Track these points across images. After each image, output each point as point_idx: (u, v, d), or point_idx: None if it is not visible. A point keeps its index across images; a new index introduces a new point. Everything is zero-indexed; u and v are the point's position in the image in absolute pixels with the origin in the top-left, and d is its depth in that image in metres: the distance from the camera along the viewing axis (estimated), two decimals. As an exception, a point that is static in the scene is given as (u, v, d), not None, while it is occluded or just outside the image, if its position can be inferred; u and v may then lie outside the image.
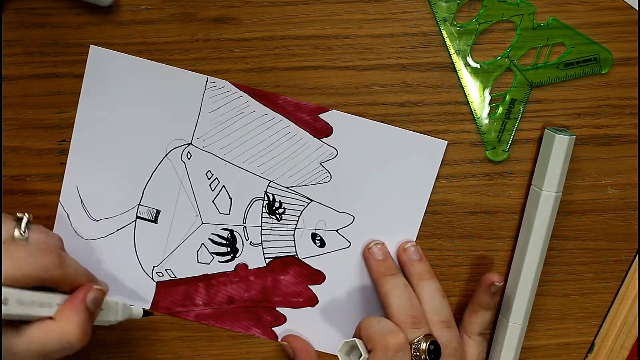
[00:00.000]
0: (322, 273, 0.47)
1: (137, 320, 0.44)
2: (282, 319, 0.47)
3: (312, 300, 0.47)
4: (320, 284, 0.47)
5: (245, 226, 0.46)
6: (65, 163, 0.45)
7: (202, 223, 0.46)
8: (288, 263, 0.47)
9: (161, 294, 0.47)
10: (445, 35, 0.43)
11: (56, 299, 0.37)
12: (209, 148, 0.45)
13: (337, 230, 0.46)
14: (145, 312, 0.44)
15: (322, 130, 0.45)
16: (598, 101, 0.45)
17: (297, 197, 0.46)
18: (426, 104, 0.45)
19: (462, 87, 0.44)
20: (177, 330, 0.48)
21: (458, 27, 0.43)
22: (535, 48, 0.43)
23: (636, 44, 0.44)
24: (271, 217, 0.46)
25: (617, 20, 0.44)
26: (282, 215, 0.46)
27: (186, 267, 0.47)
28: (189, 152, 0.45)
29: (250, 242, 0.46)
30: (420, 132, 0.45)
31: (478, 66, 0.44)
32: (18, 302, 0.35)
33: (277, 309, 0.47)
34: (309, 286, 0.47)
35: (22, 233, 0.38)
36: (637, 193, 0.47)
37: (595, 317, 0.49)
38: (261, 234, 0.46)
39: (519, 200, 0.46)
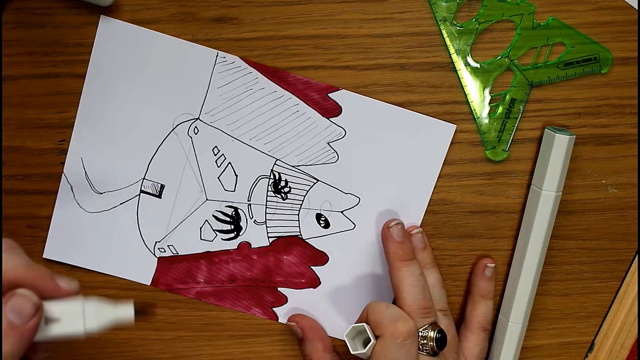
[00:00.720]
0: (326, 254, 0.47)
1: (137, 320, 0.43)
2: (283, 300, 0.47)
3: (315, 282, 0.47)
4: (323, 265, 0.47)
5: (250, 204, 0.46)
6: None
7: (207, 199, 0.46)
8: (291, 243, 0.46)
9: (162, 270, 0.46)
10: (445, 35, 0.43)
11: None
12: (216, 124, 0.44)
13: (342, 212, 0.46)
14: (138, 312, 0.34)
15: (331, 110, 0.44)
16: (598, 101, 0.45)
17: (304, 176, 0.45)
18: (426, 104, 0.45)
19: (462, 87, 0.44)
20: (177, 330, 0.48)
21: (458, 26, 0.43)
22: (535, 47, 0.43)
23: (636, 43, 0.44)
24: (276, 196, 0.46)
25: (617, 19, 0.44)
26: (288, 195, 0.46)
27: (189, 244, 0.46)
28: (196, 127, 0.44)
29: (255, 220, 0.46)
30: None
31: (478, 66, 0.44)
32: None
33: (279, 289, 0.47)
34: (312, 267, 0.47)
35: None
36: (637, 193, 0.47)
37: (595, 317, 0.49)
38: (265, 213, 0.46)
39: (519, 200, 0.46)
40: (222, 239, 0.46)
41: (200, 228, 0.46)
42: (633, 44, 0.44)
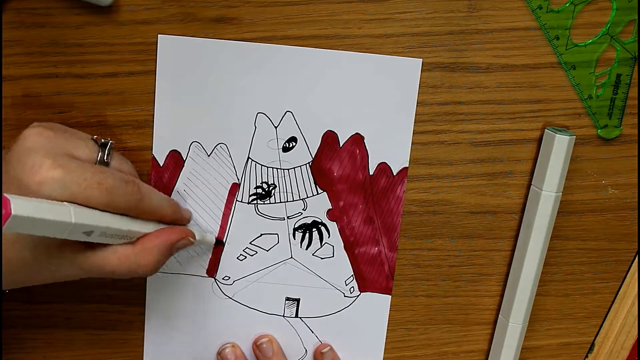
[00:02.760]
0: (325, 132, 0.46)
1: (137, 320, 0.44)
2: (383, 166, 0.46)
3: (358, 139, 0.46)
4: (337, 133, 0.45)
5: (287, 217, 0.46)
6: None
7: (292, 257, 0.47)
8: (319, 170, 0.46)
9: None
10: (542, 22, 0.42)
11: (137, 228, 0.38)
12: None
13: (275, 126, 0.45)
14: (218, 241, 0.46)
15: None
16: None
17: (247, 172, 0.46)
18: (427, 104, 0.45)
19: (567, 72, 0.44)
20: (177, 330, 0.48)
21: (555, 12, 0.43)
22: (634, 20, 0.43)
23: None
24: (274, 194, 0.46)
25: None
26: (269, 183, 0.46)
27: (341, 266, 0.48)
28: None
29: (302, 210, 0.46)
30: (420, 132, 0.45)
31: (579, 47, 0.43)
32: (102, 235, 0.35)
33: (371, 173, 0.46)
34: (341, 145, 0.46)
35: (105, 159, 0.38)
36: (637, 193, 0.47)
37: (595, 317, 0.49)
38: (293, 200, 0.46)
39: (519, 200, 0.46)
40: (329, 237, 0.47)
41: (323, 258, 0.47)
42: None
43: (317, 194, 0.46)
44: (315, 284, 0.48)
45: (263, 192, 0.46)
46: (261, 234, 0.47)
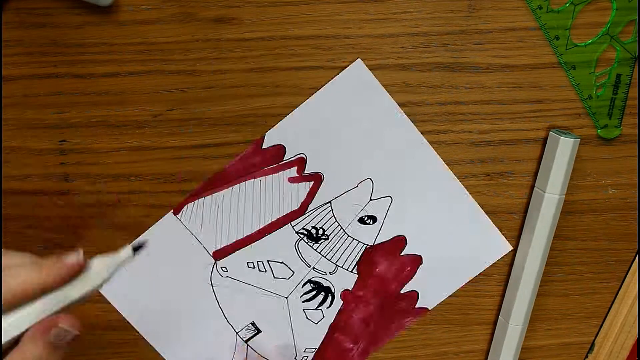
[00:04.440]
0: (399, 236, 0.47)
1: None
2: (414, 295, 0.48)
3: (417, 260, 0.47)
4: (407, 244, 0.47)
5: (313, 267, 0.47)
6: (66, 162, 0.45)
7: (286, 297, 0.47)
8: (370, 257, 0.47)
9: None
10: (542, 22, 0.42)
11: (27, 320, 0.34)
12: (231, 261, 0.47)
13: (370, 199, 0.46)
14: (136, 248, 0.37)
15: (277, 155, 0.45)
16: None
17: (318, 210, 0.46)
18: (427, 104, 0.45)
19: (567, 72, 0.44)
20: (177, 330, 0.48)
21: (555, 12, 0.42)
22: (634, 20, 0.43)
23: None
24: (320, 243, 0.46)
25: None
26: (326, 233, 0.46)
27: (315, 336, 0.48)
28: (220, 268, 0.47)
29: (329, 272, 0.47)
30: (420, 132, 0.45)
31: (579, 47, 0.44)
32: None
33: (402, 291, 0.47)
34: (402, 254, 0.47)
35: None
36: (637, 193, 0.47)
37: (595, 317, 0.49)
38: (330, 260, 0.47)
39: (519, 200, 0.46)
40: (327, 308, 0.48)
41: (307, 318, 0.48)
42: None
43: (350, 271, 0.47)
44: (282, 329, 0.48)
45: (312, 235, 0.46)
46: (282, 262, 0.47)
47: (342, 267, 0.47)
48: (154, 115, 0.44)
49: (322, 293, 0.47)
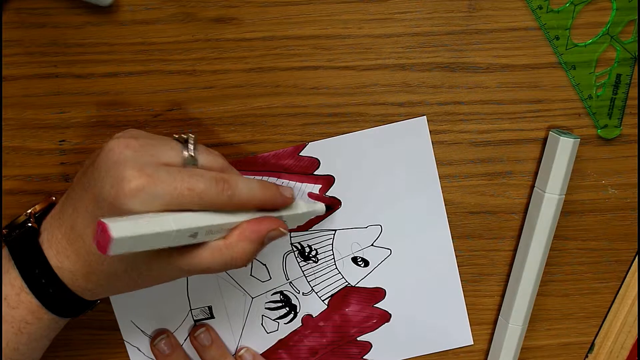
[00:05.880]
0: (381, 288, 0.47)
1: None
2: (368, 346, 0.48)
3: (385, 317, 0.48)
4: (384, 298, 0.47)
5: (290, 282, 0.47)
6: (65, 163, 0.45)
7: (252, 298, 0.47)
8: (346, 294, 0.47)
9: None
10: (542, 22, 0.42)
11: (234, 219, 0.36)
12: None
13: (372, 244, 0.46)
14: (328, 207, 0.44)
15: (309, 166, 0.45)
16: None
17: (321, 234, 0.46)
18: (427, 104, 0.45)
19: (567, 72, 0.44)
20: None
21: (555, 12, 0.42)
22: (634, 20, 0.43)
23: None
24: (309, 263, 0.46)
25: None
26: (317, 256, 0.46)
27: (261, 343, 0.48)
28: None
29: (302, 292, 0.47)
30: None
31: (579, 47, 0.43)
32: (208, 233, 0.35)
33: (358, 338, 0.48)
34: (375, 305, 0.47)
35: (192, 156, 0.36)
36: (637, 193, 0.47)
37: (595, 317, 0.49)
38: (308, 282, 0.47)
39: (519, 200, 0.46)
40: (284, 323, 0.48)
41: (262, 324, 0.47)
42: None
43: (322, 300, 0.47)
44: (234, 325, 0.48)
45: (304, 253, 0.46)
46: (265, 265, 0.47)
47: (316, 293, 0.47)
48: (154, 115, 0.44)
49: (287, 308, 0.47)
